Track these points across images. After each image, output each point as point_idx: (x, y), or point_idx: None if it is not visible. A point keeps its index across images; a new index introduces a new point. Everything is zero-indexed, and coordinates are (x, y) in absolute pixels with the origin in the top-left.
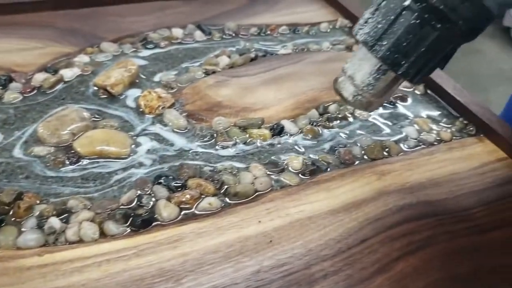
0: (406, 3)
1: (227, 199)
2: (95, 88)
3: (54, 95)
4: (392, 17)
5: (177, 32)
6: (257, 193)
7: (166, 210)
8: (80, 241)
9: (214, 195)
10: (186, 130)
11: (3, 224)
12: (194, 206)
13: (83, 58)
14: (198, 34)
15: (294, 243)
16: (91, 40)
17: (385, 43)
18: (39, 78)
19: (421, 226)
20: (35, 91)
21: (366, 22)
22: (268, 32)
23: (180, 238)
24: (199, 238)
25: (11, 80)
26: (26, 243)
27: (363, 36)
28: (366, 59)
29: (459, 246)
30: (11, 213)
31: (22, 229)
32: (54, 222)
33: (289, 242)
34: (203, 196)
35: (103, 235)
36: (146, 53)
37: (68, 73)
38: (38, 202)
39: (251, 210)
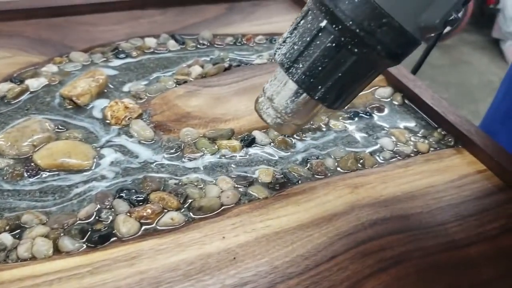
0: (322, 24)
1: (191, 214)
2: (61, 98)
3: (18, 105)
4: (308, 39)
5: (150, 41)
6: (223, 207)
7: (125, 226)
8: (33, 258)
9: (177, 209)
10: (153, 142)
11: None
12: (156, 221)
13: (51, 68)
14: (172, 44)
15: (259, 260)
16: (60, 49)
17: (301, 66)
18: (3, 88)
19: (394, 242)
20: None
21: (284, 41)
22: (244, 41)
23: (139, 255)
24: (158, 255)
25: None
26: None
27: (280, 57)
28: (284, 81)
29: (433, 262)
30: None
31: None
32: (5, 238)
33: (254, 259)
34: (165, 210)
35: (58, 252)
36: (116, 62)
37: (34, 83)
38: None
39: (215, 225)
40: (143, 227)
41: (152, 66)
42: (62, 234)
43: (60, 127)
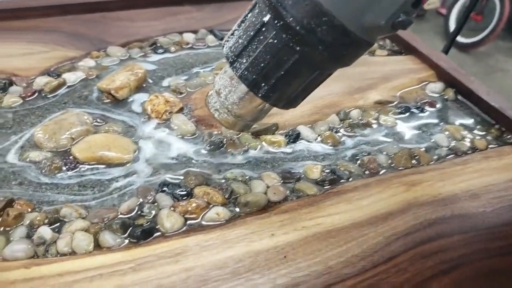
0: (266, 19)
1: (237, 209)
2: (99, 92)
3: (56, 99)
4: (252, 33)
5: (188, 37)
6: (270, 204)
7: (169, 220)
8: (72, 253)
9: (222, 204)
10: (195, 136)
11: None
12: (201, 216)
13: (88, 62)
14: (210, 39)
15: (312, 259)
16: (97, 44)
17: (244, 61)
18: (41, 82)
19: (455, 242)
20: (35, 95)
21: (232, 34)
22: None
23: (183, 251)
24: (204, 252)
25: (11, 83)
26: (13, 254)
27: (226, 50)
28: (231, 75)
29: (496, 265)
30: None
31: (11, 239)
32: (45, 231)
33: (306, 258)
34: (210, 205)
35: (98, 247)
36: (155, 57)
37: (71, 77)
38: (29, 210)
39: (263, 221)
40: (188, 222)
41: (191, 61)
42: (103, 229)
43: (99, 120)
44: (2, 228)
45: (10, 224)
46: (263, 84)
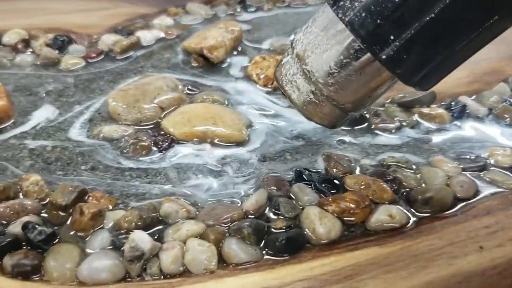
0: None
1: (412, 210)
2: (185, 54)
3: (129, 62)
4: None
5: None
6: (457, 201)
7: (324, 224)
8: (186, 274)
9: (391, 202)
10: None
11: (55, 241)
12: (364, 219)
13: (165, 20)
14: None
15: None
16: (172, 0)
17: None
18: (108, 40)
19: None
20: (102, 56)
21: None
22: None
23: (356, 273)
24: (388, 274)
25: (70, 41)
26: (93, 275)
27: None
28: (329, 25)
29: None
30: (68, 222)
31: (87, 250)
32: (141, 239)
33: None
34: (375, 203)
35: (223, 263)
36: (246, 16)
37: (146, 36)
38: (110, 206)
39: (459, 228)
40: (344, 227)
41: (291, 21)
42: (226, 235)
43: (190, 88)
44: (73, 233)
45: (86, 227)
46: (392, 38)
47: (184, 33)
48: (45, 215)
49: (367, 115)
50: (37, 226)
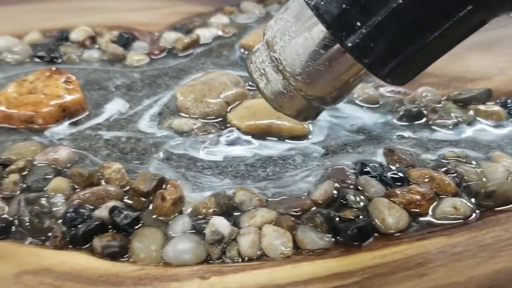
0: None
1: (474, 203)
2: (242, 51)
3: (190, 59)
4: None
5: None
6: None
7: (392, 215)
8: (263, 258)
9: (454, 195)
10: (378, 105)
11: (139, 225)
12: (429, 211)
13: (221, 19)
14: None
15: None
16: (226, 0)
17: None
18: (170, 38)
19: None
20: (164, 53)
21: None
22: None
23: (426, 261)
24: (456, 262)
25: (134, 38)
26: (178, 256)
27: None
28: (301, 14)
29: None
30: (150, 207)
31: (170, 233)
32: (221, 224)
33: None
34: (438, 195)
35: (297, 249)
36: None
37: (206, 34)
38: (187, 193)
39: None
40: (411, 218)
41: None
42: (299, 223)
43: (250, 84)
44: (154, 217)
45: (168, 212)
46: (359, 24)
47: (240, 31)
48: (127, 201)
49: (425, 111)
50: (123, 210)
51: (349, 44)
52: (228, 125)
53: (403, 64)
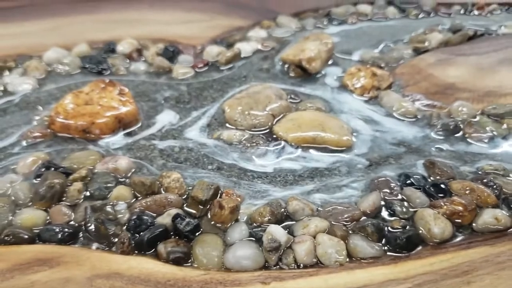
0: None
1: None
2: (282, 65)
3: (233, 72)
4: None
5: (365, 8)
6: None
7: (438, 225)
8: (318, 265)
9: (494, 206)
10: (416, 118)
11: (199, 232)
12: (472, 221)
13: (259, 33)
14: (391, 11)
15: None
16: (263, 14)
17: None
18: (212, 51)
19: None
20: (208, 67)
21: None
22: (475, 10)
23: (472, 269)
24: (501, 271)
25: (179, 52)
26: (238, 262)
27: None
28: None
29: None
30: (208, 215)
31: (228, 239)
32: (277, 232)
33: None
34: (479, 207)
35: (350, 258)
36: (333, 29)
37: (246, 48)
38: (241, 202)
39: None
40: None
41: (375, 34)
42: (350, 232)
43: (293, 96)
44: (212, 223)
45: (225, 220)
46: None
47: (278, 45)
48: (187, 208)
49: (461, 125)
50: (185, 217)
51: None
52: (275, 137)
53: None
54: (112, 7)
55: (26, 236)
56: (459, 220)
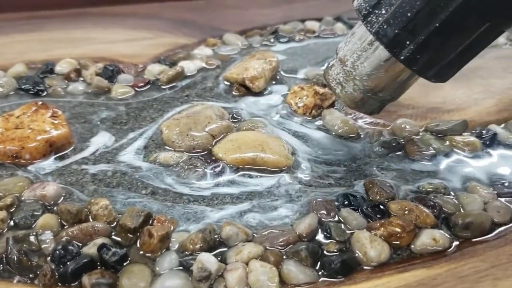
0: None
1: (452, 234)
2: (226, 83)
3: (175, 91)
4: None
5: (313, 25)
6: (494, 226)
7: (374, 248)
8: None
9: (433, 226)
10: (358, 136)
11: (127, 262)
12: (409, 243)
13: (204, 51)
14: (339, 27)
15: None
16: (209, 31)
17: (383, 11)
18: (154, 70)
19: None
20: (149, 86)
21: None
22: None
23: None
24: None
25: (119, 71)
26: None
27: (358, 2)
28: (363, 36)
29: None
30: (137, 244)
31: (157, 269)
32: (208, 260)
33: None
34: (418, 227)
35: (282, 283)
36: (280, 47)
37: (190, 66)
38: (173, 229)
39: (498, 251)
40: (392, 250)
41: (322, 51)
42: (284, 257)
43: (235, 116)
44: (141, 253)
45: (155, 248)
46: (408, 43)
47: (223, 63)
48: (115, 237)
49: (403, 142)
50: (111, 247)
51: (402, 57)
52: (214, 158)
53: (442, 68)
54: (55, 26)
55: None
56: (397, 242)
